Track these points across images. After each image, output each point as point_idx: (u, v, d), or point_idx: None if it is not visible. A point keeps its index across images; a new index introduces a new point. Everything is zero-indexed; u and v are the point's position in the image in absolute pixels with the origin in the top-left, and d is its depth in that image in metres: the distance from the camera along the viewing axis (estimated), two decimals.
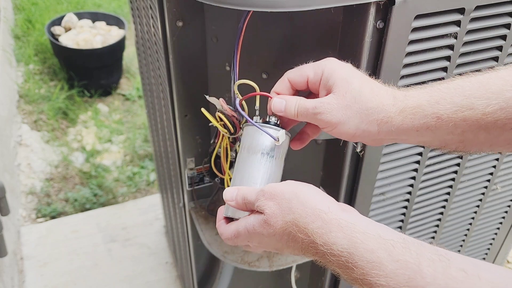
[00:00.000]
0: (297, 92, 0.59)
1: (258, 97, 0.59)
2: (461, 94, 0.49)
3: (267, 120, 0.58)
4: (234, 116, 0.63)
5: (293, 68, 0.58)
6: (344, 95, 0.52)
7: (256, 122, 0.57)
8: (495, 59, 0.72)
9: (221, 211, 0.58)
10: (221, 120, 0.64)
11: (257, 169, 0.56)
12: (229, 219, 0.57)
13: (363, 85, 0.53)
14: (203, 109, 0.65)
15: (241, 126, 0.64)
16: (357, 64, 0.63)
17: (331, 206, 0.47)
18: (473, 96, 0.48)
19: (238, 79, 0.62)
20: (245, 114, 0.60)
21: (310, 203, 0.47)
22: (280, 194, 0.49)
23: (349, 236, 0.43)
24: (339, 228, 0.44)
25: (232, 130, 0.65)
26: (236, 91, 0.61)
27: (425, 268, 0.39)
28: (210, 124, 0.66)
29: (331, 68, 0.54)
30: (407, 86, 0.68)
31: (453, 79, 0.51)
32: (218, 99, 0.64)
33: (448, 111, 0.49)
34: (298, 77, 0.56)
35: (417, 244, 0.41)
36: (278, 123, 0.58)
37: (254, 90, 0.59)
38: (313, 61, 0.57)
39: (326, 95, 0.54)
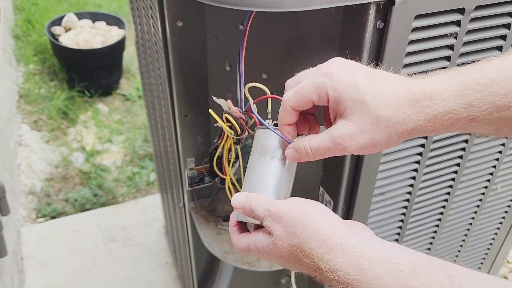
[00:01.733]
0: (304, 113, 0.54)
1: (270, 100, 0.58)
2: (497, 93, 0.44)
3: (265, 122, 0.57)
4: (241, 118, 0.63)
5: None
6: (363, 119, 0.47)
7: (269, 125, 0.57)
8: None
9: (233, 216, 0.57)
10: (228, 121, 0.64)
11: (269, 173, 0.55)
12: (242, 224, 0.56)
13: (377, 99, 0.47)
14: (211, 110, 0.65)
15: (248, 128, 0.64)
16: None
17: (336, 230, 0.45)
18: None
19: (242, 81, 0.62)
20: (260, 117, 0.58)
21: (315, 227, 0.45)
22: (285, 216, 0.47)
23: (355, 262, 0.42)
24: (344, 254, 0.43)
25: (239, 131, 0.65)
26: (247, 94, 0.60)
27: None
28: (215, 124, 0.66)
29: (335, 88, 0.48)
30: None
31: (483, 67, 0.47)
32: (226, 100, 0.64)
33: (483, 112, 0.45)
34: (301, 104, 0.51)
35: (426, 266, 0.40)
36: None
37: (259, 91, 0.59)
38: (310, 66, 0.53)
39: (340, 118, 0.49)
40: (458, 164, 0.85)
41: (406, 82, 0.48)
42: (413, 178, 0.82)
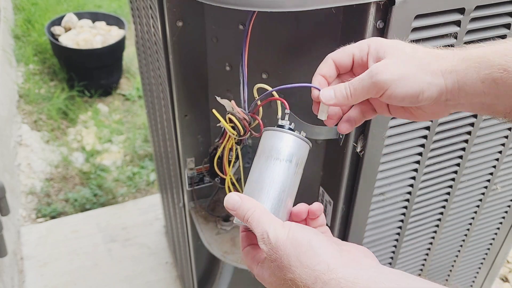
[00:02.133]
0: (339, 77, 0.55)
1: (279, 104, 0.57)
2: None
3: (280, 124, 0.55)
4: (245, 119, 0.63)
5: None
6: (399, 56, 0.49)
7: (283, 126, 0.55)
8: None
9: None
10: (231, 121, 0.64)
11: (274, 175, 0.53)
12: (247, 229, 0.55)
13: (416, 46, 0.51)
14: (214, 111, 0.65)
15: (251, 129, 0.64)
16: None
17: (331, 263, 0.44)
18: None
19: (246, 81, 0.62)
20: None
21: (309, 261, 0.44)
22: (282, 247, 0.46)
23: None
24: None
25: (242, 132, 0.64)
26: (255, 94, 0.60)
27: None
28: (218, 124, 0.66)
29: (378, 41, 0.52)
30: None
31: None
32: (230, 100, 0.64)
33: None
34: (342, 56, 0.53)
35: None
36: (292, 127, 0.55)
37: (262, 91, 0.58)
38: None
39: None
40: (458, 164, 0.85)
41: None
42: (413, 178, 0.82)
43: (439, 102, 0.50)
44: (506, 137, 0.85)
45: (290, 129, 0.55)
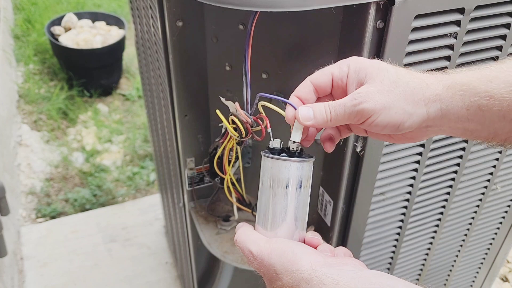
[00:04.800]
0: (318, 100, 0.52)
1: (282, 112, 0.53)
2: None
3: (272, 146, 0.53)
4: (248, 122, 0.63)
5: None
6: (382, 81, 0.47)
7: (276, 147, 0.53)
8: (495, 59, 0.72)
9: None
10: (233, 123, 0.64)
11: (285, 202, 0.51)
12: None
13: (399, 70, 0.48)
14: (218, 111, 0.65)
15: (253, 132, 0.64)
16: None
17: (313, 262, 0.44)
18: None
19: (249, 83, 0.62)
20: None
21: (293, 266, 0.45)
22: (267, 259, 0.47)
23: None
24: (321, 286, 0.42)
25: (244, 135, 0.64)
26: (261, 109, 0.58)
27: None
28: (220, 124, 0.66)
29: (358, 61, 0.49)
30: None
31: (504, 60, 0.47)
32: (234, 102, 0.64)
33: (501, 90, 0.44)
34: (321, 77, 0.51)
35: None
36: (299, 149, 0.52)
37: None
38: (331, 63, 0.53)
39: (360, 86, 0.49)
40: (458, 164, 0.85)
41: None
42: (413, 178, 0.82)
43: (420, 129, 0.50)
44: None
45: (283, 149, 0.52)
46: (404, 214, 0.87)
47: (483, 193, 0.94)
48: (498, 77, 0.45)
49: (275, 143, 0.53)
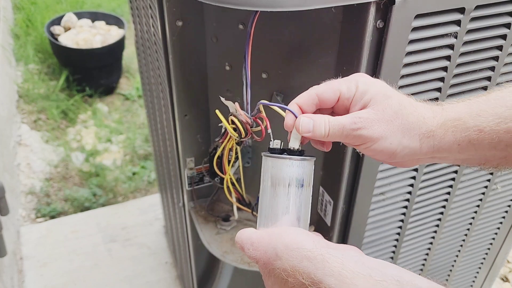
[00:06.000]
0: (319, 111, 0.53)
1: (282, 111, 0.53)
2: (503, 105, 0.46)
3: (272, 147, 0.53)
4: (247, 123, 0.63)
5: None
6: (384, 110, 0.49)
7: (276, 147, 0.53)
8: (495, 58, 0.72)
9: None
10: (233, 123, 0.64)
11: (287, 202, 0.51)
12: None
13: (402, 100, 0.50)
14: (217, 111, 0.65)
15: (253, 132, 0.64)
16: (357, 64, 0.63)
17: (316, 241, 0.45)
18: None
19: (249, 83, 0.62)
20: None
21: (295, 244, 0.45)
22: (263, 242, 0.47)
23: (337, 273, 0.41)
24: (325, 264, 0.42)
25: (243, 135, 0.64)
26: (261, 109, 0.59)
27: None
28: (219, 124, 0.66)
29: (366, 83, 0.51)
30: (408, 86, 0.68)
31: (491, 91, 0.49)
32: (234, 102, 0.64)
33: (490, 123, 0.46)
34: (329, 93, 0.51)
35: (412, 287, 0.39)
36: (299, 149, 0.53)
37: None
38: (340, 77, 0.53)
39: (360, 110, 0.50)
40: (458, 164, 0.85)
41: (426, 102, 0.52)
42: (413, 178, 0.82)
43: (412, 160, 0.52)
44: None
45: (284, 150, 0.52)
46: (404, 214, 0.87)
47: (483, 193, 0.94)
48: (486, 110, 0.47)
49: (276, 144, 0.53)
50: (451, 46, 0.67)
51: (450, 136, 0.48)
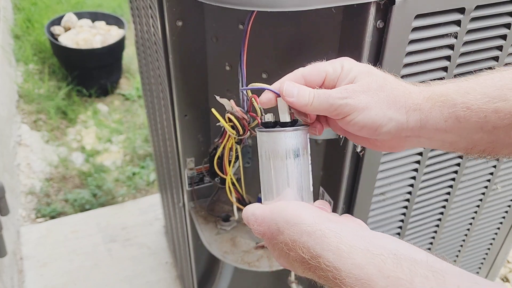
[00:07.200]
0: None
1: (280, 101, 0.54)
2: (492, 85, 0.46)
3: (264, 121, 0.54)
4: (244, 119, 0.63)
5: (295, 66, 0.57)
6: (369, 84, 0.49)
7: (269, 121, 0.53)
8: (495, 58, 0.72)
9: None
10: (230, 121, 0.64)
11: (286, 173, 0.52)
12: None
13: (387, 76, 0.51)
14: (213, 110, 0.65)
15: (250, 128, 0.64)
16: None
17: (316, 216, 0.45)
18: (506, 87, 0.45)
19: (245, 81, 0.62)
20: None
21: (295, 219, 0.46)
22: (268, 217, 0.48)
23: (335, 248, 0.41)
24: (323, 239, 0.42)
25: (241, 131, 0.64)
26: (249, 94, 0.59)
27: (418, 285, 0.37)
28: (217, 123, 0.66)
29: (351, 63, 0.51)
30: None
31: (482, 73, 0.48)
32: (229, 100, 0.64)
33: (478, 101, 0.46)
34: (315, 74, 0.51)
35: (409, 260, 0.39)
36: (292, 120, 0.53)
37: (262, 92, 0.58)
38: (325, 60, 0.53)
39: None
40: (458, 164, 0.85)
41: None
42: (413, 178, 0.82)
43: (399, 138, 0.51)
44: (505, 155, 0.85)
45: (276, 122, 0.53)
46: (404, 214, 0.87)
47: (483, 193, 0.94)
48: (475, 88, 0.47)
49: (267, 118, 0.54)
50: (451, 46, 0.67)
51: (437, 110, 0.48)
